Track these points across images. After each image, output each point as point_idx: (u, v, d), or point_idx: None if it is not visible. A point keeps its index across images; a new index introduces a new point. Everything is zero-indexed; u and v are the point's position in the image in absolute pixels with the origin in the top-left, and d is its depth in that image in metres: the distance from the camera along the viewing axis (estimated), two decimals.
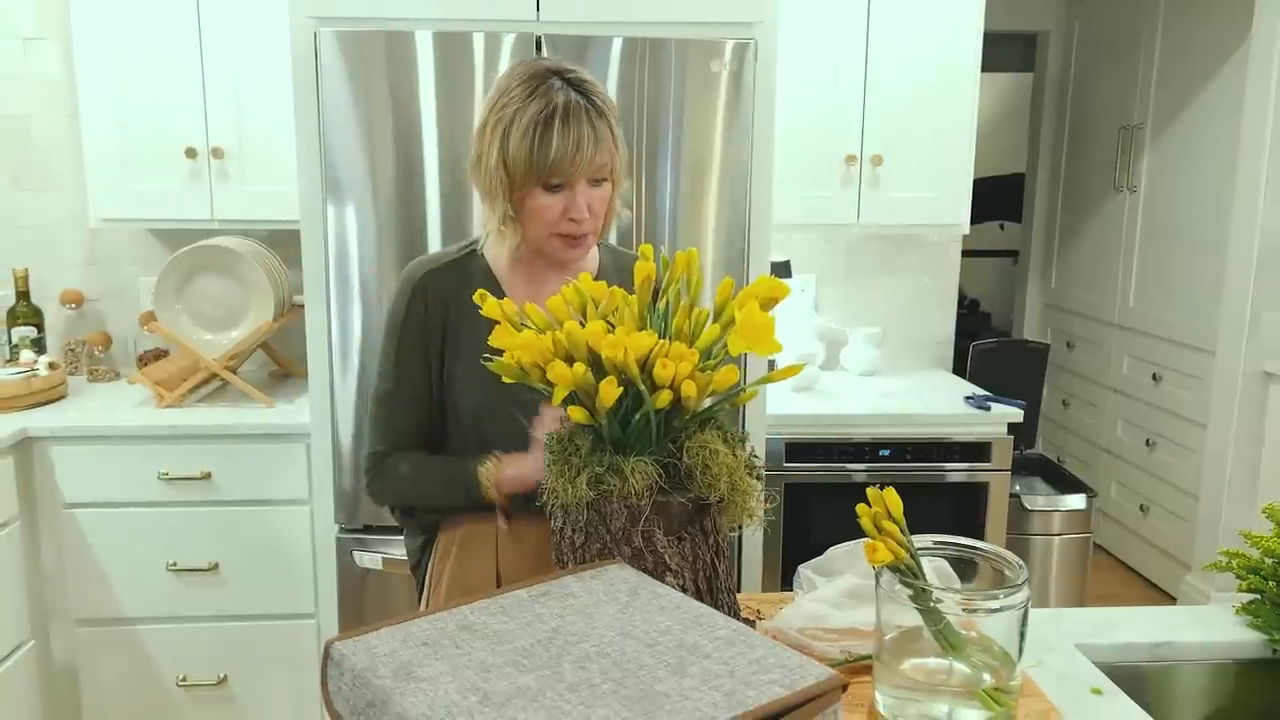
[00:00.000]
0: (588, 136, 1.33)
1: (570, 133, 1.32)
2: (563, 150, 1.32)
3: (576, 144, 1.33)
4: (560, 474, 1.10)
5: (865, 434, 2.69)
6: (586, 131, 1.33)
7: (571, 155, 1.33)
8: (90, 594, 2.52)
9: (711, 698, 0.72)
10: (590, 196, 1.38)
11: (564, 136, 1.32)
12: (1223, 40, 3.53)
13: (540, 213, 1.38)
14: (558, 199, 1.37)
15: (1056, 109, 4.73)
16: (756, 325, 1.02)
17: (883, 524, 1.09)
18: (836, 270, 3.29)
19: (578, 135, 1.33)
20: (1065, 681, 1.27)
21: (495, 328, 1.12)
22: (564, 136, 1.32)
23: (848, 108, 2.84)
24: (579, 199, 1.37)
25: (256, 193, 2.66)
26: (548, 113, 1.32)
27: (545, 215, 1.38)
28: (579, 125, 1.33)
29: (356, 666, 0.76)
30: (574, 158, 1.33)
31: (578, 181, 1.36)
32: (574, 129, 1.33)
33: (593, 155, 1.34)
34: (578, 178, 1.36)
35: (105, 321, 3.05)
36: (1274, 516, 1.45)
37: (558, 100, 1.33)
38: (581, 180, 1.36)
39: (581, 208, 1.37)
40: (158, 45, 2.59)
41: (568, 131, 1.32)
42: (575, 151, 1.33)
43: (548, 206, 1.37)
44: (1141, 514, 4.03)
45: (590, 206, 1.38)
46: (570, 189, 1.36)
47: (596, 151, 1.35)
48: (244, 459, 2.50)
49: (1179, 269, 3.81)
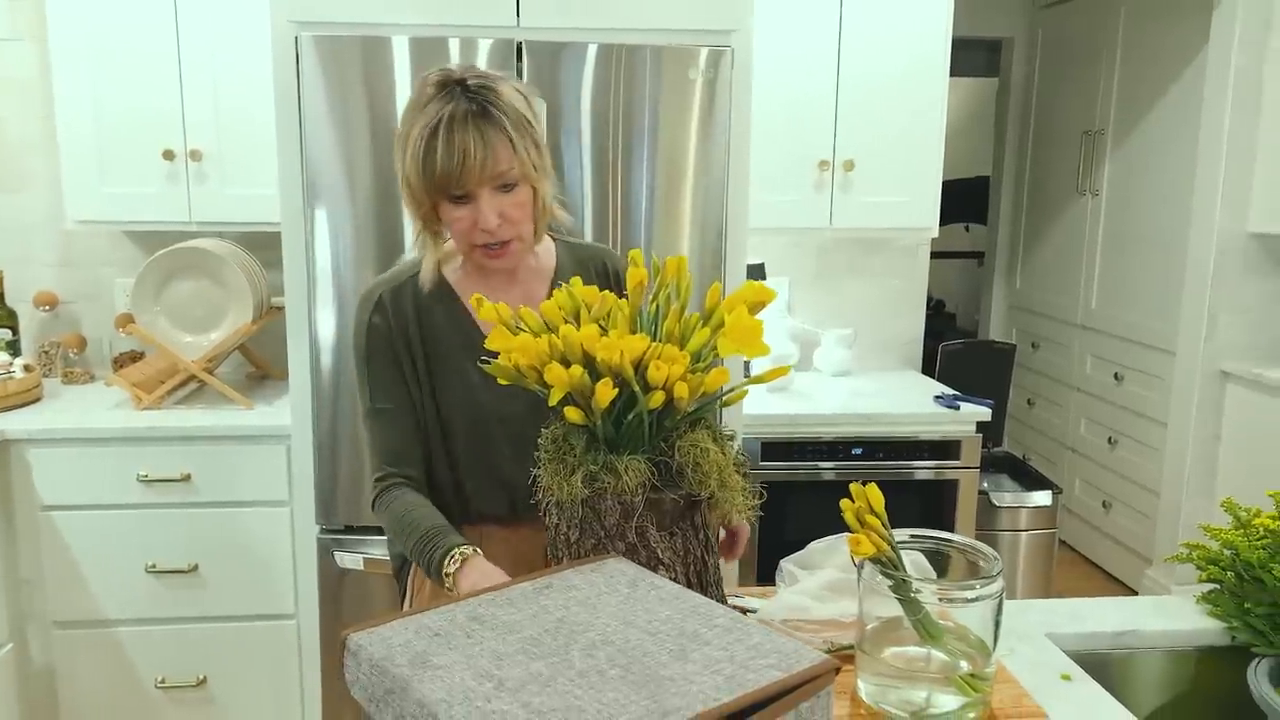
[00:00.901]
0: (474, 144, 1.29)
1: (455, 142, 1.29)
2: (448, 161, 1.30)
3: (463, 153, 1.29)
4: (555, 472, 1.13)
5: (838, 433, 2.76)
6: (473, 139, 1.29)
7: (459, 165, 1.30)
8: (68, 596, 2.52)
9: (713, 681, 0.76)
10: (501, 204, 1.34)
11: (448, 147, 1.29)
12: (1181, 49, 3.64)
13: (455, 225, 1.37)
14: (465, 210, 1.35)
15: (1021, 114, 4.83)
16: (746, 329, 1.06)
17: (865, 518, 1.14)
18: (808, 273, 3.35)
19: (463, 144, 1.29)
20: (1037, 668, 1.33)
21: (492, 330, 1.16)
22: (448, 147, 1.29)
23: (820, 113, 2.90)
24: (483, 208, 1.33)
25: (235, 195, 2.67)
26: (433, 124, 1.30)
27: (457, 227, 1.37)
28: (464, 134, 1.29)
29: (374, 656, 0.80)
30: (461, 167, 1.30)
31: (480, 191, 1.33)
32: (459, 138, 1.29)
33: (483, 162, 1.30)
34: (476, 187, 1.33)
35: (80, 324, 3.04)
36: (1232, 510, 1.52)
37: (445, 111, 1.30)
38: (484, 189, 1.33)
39: (488, 217, 1.33)
40: (135, 46, 2.58)
41: (452, 141, 1.29)
42: (462, 161, 1.30)
43: (458, 218, 1.36)
44: (1104, 510, 4.13)
45: (504, 214, 1.35)
46: (474, 199, 1.34)
47: (488, 159, 1.31)
48: (223, 460, 2.51)
49: (1140, 271, 3.92)
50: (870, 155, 2.92)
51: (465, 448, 1.47)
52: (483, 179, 1.32)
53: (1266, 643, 1.40)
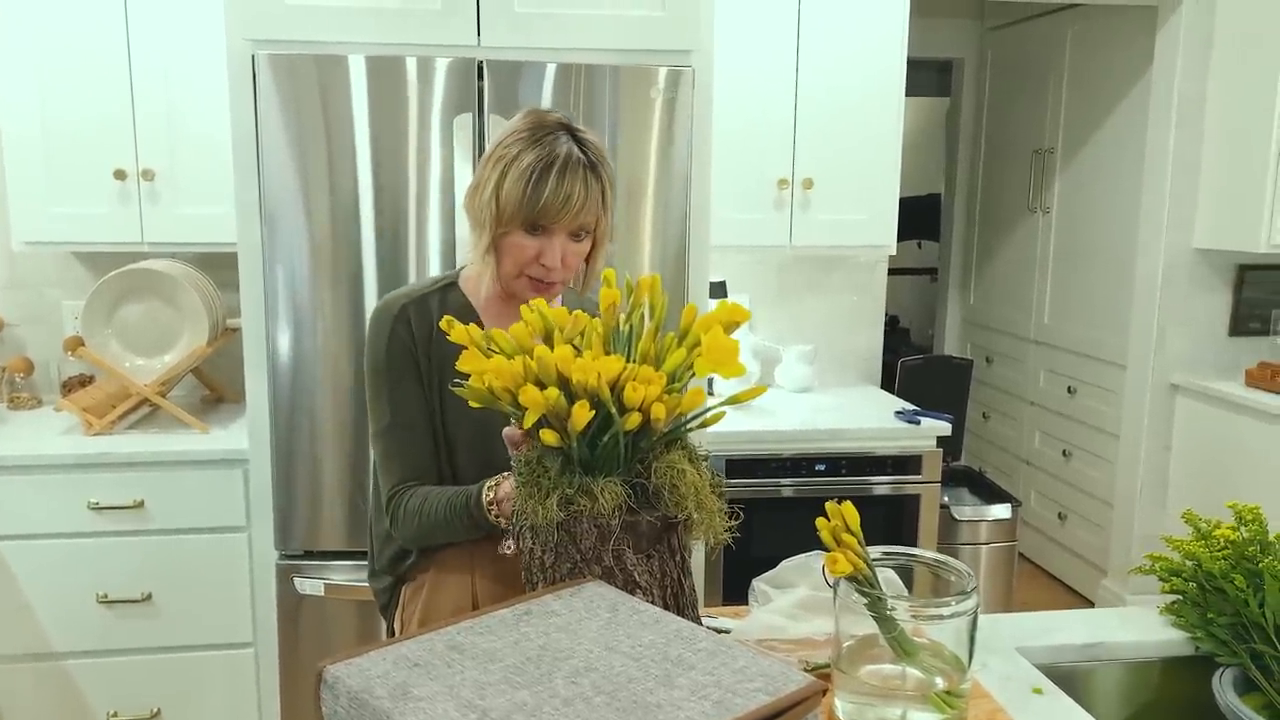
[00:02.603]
0: (579, 192, 1.38)
1: (564, 184, 1.37)
2: (554, 199, 1.37)
3: (568, 195, 1.37)
4: (530, 495, 1.12)
5: (801, 449, 2.77)
6: (579, 187, 1.38)
7: (560, 205, 1.38)
8: (14, 628, 2.44)
9: (701, 707, 0.75)
10: (567, 248, 1.42)
11: (558, 186, 1.37)
12: (1126, 69, 3.73)
13: (516, 251, 1.42)
14: (535, 242, 1.41)
15: (972, 133, 4.92)
16: (723, 349, 1.06)
17: (842, 536, 1.14)
18: (768, 290, 3.37)
19: (570, 188, 1.37)
20: (1008, 682, 1.33)
21: (464, 353, 1.15)
22: (558, 186, 1.37)
23: (779, 133, 2.93)
24: (555, 246, 1.41)
25: (188, 215, 2.62)
26: (548, 160, 1.37)
27: (520, 255, 1.42)
28: (574, 179, 1.38)
29: (352, 689, 0.78)
30: (562, 208, 1.38)
31: (559, 231, 1.41)
32: (569, 181, 1.37)
33: (580, 209, 1.39)
34: (560, 228, 1.40)
35: (26, 347, 2.96)
36: (1193, 522, 1.55)
37: (560, 151, 1.38)
38: (563, 231, 1.41)
39: (555, 255, 1.41)
40: (84, 63, 2.53)
41: (562, 182, 1.37)
42: (565, 202, 1.38)
43: (524, 246, 1.41)
44: (1059, 522, 4.19)
45: (564, 258, 1.43)
46: (549, 235, 1.41)
47: (584, 207, 1.40)
48: (178, 486, 2.45)
49: (1090, 286, 3.99)
50: (828, 174, 2.95)
51: (466, 463, 1.47)
52: (571, 223, 1.41)
53: (1230, 652, 1.42)
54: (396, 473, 1.45)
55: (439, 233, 2.25)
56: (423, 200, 2.23)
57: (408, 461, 1.45)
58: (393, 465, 1.45)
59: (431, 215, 2.24)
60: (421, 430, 1.46)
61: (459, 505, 1.37)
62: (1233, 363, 3.49)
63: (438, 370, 1.46)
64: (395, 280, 2.23)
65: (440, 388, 1.46)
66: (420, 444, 1.45)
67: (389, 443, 1.46)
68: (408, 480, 1.45)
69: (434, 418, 1.46)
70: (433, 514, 1.40)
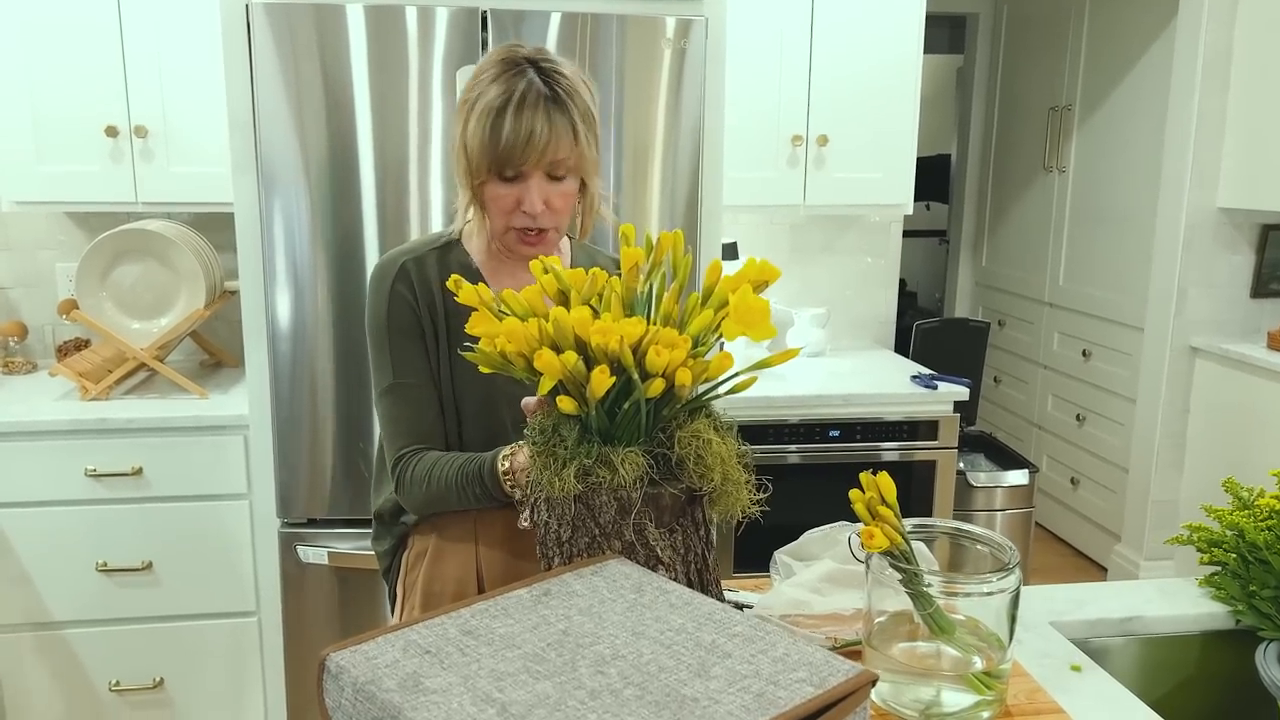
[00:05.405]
0: (540, 128, 1.28)
1: (523, 120, 1.27)
2: (514, 137, 1.27)
3: (530, 132, 1.27)
4: (545, 466, 1.05)
5: (816, 415, 2.70)
6: (540, 123, 1.28)
7: (524, 144, 1.27)
8: (13, 598, 2.39)
9: (741, 700, 0.69)
10: (548, 191, 1.33)
11: (515, 123, 1.27)
12: (1149, 23, 3.61)
13: (496, 202, 1.34)
14: (512, 189, 1.32)
15: (985, 91, 4.80)
16: (752, 309, 0.98)
17: (878, 509, 1.07)
18: (780, 251, 3.28)
19: (531, 124, 1.27)
20: (1045, 659, 1.27)
21: (474, 315, 1.07)
22: (515, 123, 1.27)
23: (793, 89, 2.83)
24: (533, 190, 1.31)
25: (183, 173, 2.53)
26: (504, 98, 1.27)
27: (501, 205, 1.34)
28: (535, 114, 1.27)
29: (358, 680, 0.71)
30: (526, 146, 1.28)
31: (532, 173, 1.31)
32: (529, 117, 1.27)
33: (546, 146, 1.28)
34: (531, 169, 1.31)
35: (19, 310, 2.88)
36: (1234, 490, 1.48)
37: (517, 87, 1.28)
38: (537, 172, 1.31)
39: (535, 201, 1.31)
40: (73, 17, 2.43)
41: (520, 119, 1.27)
42: (528, 140, 1.27)
43: (502, 196, 1.33)
44: (1072, 487, 4.13)
45: (549, 202, 1.33)
46: (525, 180, 1.31)
47: (551, 143, 1.29)
48: (177, 453, 2.39)
49: (1108, 248, 3.90)
50: (844, 131, 2.86)
51: (472, 430, 1.41)
52: (540, 162, 1.30)
53: (1274, 626, 1.36)
54: (402, 435, 1.38)
55: (441, 191, 2.17)
56: (424, 157, 2.15)
57: (413, 423, 1.38)
58: (398, 428, 1.38)
59: (433, 172, 2.16)
60: (426, 391, 1.39)
61: (472, 473, 1.30)
62: (1254, 325, 3.41)
63: (444, 330, 1.39)
64: (397, 240, 2.15)
65: (445, 350, 1.39)
66: (425, 405, 1.38)
67: (392, 404, 1.39)
68: (414, 444, 1.38)
69: (439, 380, 1.40)
70: (442, 481, 1.33)
